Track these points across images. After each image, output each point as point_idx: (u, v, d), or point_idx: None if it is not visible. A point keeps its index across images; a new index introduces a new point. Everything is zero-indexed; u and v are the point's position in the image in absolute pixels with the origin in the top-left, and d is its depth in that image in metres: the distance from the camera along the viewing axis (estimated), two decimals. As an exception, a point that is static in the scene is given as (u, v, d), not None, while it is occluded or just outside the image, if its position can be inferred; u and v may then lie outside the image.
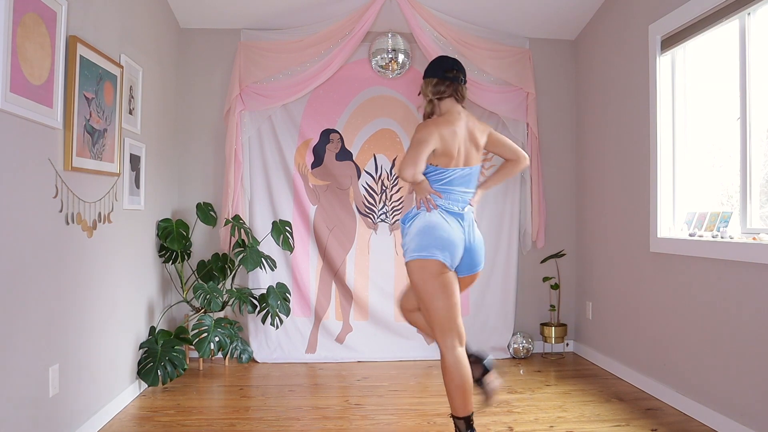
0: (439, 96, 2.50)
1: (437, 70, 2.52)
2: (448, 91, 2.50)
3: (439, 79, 2.50)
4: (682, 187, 3.29)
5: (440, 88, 2.50)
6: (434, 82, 2.51)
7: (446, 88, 2.49)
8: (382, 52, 4.08)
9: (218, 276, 3.88)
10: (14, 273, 2.11)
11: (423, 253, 2.34)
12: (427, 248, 2.35)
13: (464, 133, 2.46)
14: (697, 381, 2.96)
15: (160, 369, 3.31)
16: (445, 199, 2.43)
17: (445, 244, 2.35)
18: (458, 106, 2.51)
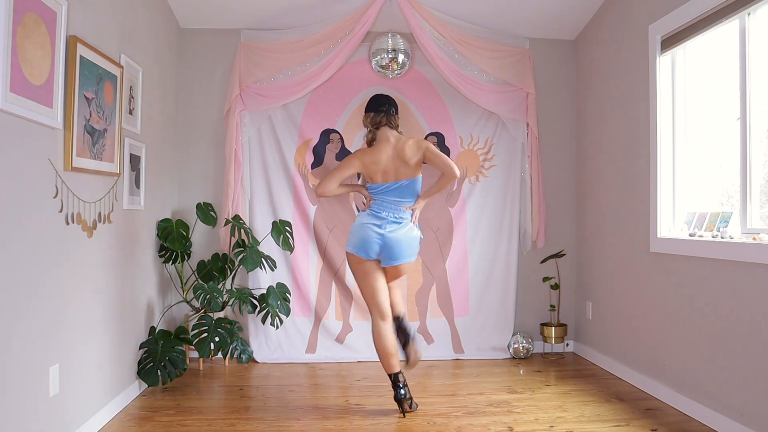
0: (377, 126, 3.11)
1: (374, 106, 3.14)
2: (383, 121, 3.10)
3: (375, 113, 3.11)
4: (682, 187, 3.29)
5: (377, 119, 3.11)
6: (372, 116, 3.12)
7: (381, 118, 3.10)
8: (382, 52, 4.08)
9: (218, 276, 3.88)
10: (14, 273, 2.11)
11: (348, 248, 3.09)
12: (350, 244, 3.08)
13: (390, 154, 3.05)
14: (697, 381, 2.96)
15: (160, 369, 3.31)
16: (375, 204, 3.09)
17: (360, 242, 3.01)
18: (392, 131, 3.11)
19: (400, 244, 3.00)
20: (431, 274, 4.29)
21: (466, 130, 4.32)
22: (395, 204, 3.07)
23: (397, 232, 3.00)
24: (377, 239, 2.99)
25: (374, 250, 3.00)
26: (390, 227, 3.00)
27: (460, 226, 4.31)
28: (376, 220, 3.03)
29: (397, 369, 3.02)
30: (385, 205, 3.06)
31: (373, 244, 2.99)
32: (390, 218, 3.03)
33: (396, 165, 3.05)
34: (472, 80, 4.16)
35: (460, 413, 3.05)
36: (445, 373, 3.86)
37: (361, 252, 3.01)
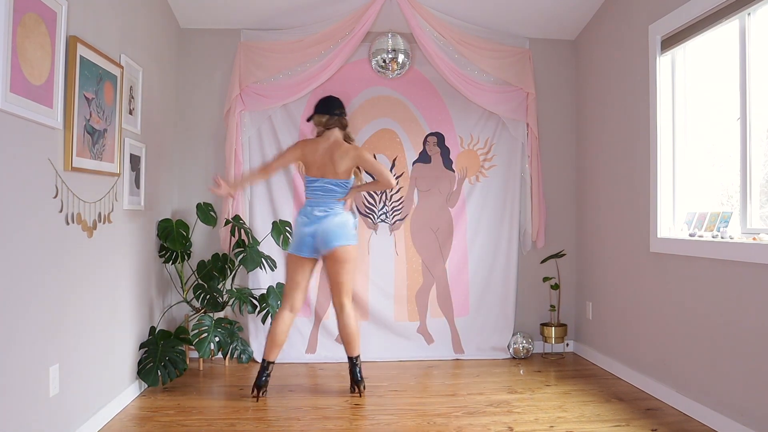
0: (328, 128, 3.34)
1: (328, 108, 3.34)
2: (336, 124, 3.34)
3: (330, 116, 3.33)
4: (682, 187, 3.29)
5: (330, 122, 3.33)
6: (326, 119, 3.34)
7: (334, 122, 3.33)
8: (382, 52, 4.08)
9: (218, 276, 3.88)
10: (14, 273, 2.11)
11: (289, 249, 3.39)
12: (290, 245, 3.36)
13: (325, 152, 3.27)
14: (697, 381, 2.96)
15: (160, 369, 3.31)
16: (307, 201, 3.32)
17: (296, 243, 3.29)
18: (337, 134, 3.34)
19: (330, 231, 3.21)
20: (431, 274, 4.29)
21: (466, 130, 4.33)
22: (323, 199, 3.28)
23: (323, 221, 3.23)
24: (309, 236, 3.22)
25: (308, 246, 3.24)
26: (317, 222, 3.23)
27: (460, 226, 4.31)
28: (305, 219, 3.27)
29: (273, 359, 3.28)
30: (315, 202, 3.29)
31: (306, 240, 3.24)
32: (317, 213, 3.25)
33: (325, 162, 3.27)
34: (472, 80, 4.16)
35: (460, 413, 3.05)
36: (445, 373, 3.86)
37: (296, 251, 3.27)
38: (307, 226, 3.24)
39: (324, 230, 3.22)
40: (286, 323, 3.30)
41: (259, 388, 3.26)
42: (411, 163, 4.31)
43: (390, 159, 4.29)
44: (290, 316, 3.32)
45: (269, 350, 3.27)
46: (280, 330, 3.28)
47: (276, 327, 3.28)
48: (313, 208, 3.27)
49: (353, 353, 3.39)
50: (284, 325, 3.30)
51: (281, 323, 3.29)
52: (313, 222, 3.24)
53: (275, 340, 3.27)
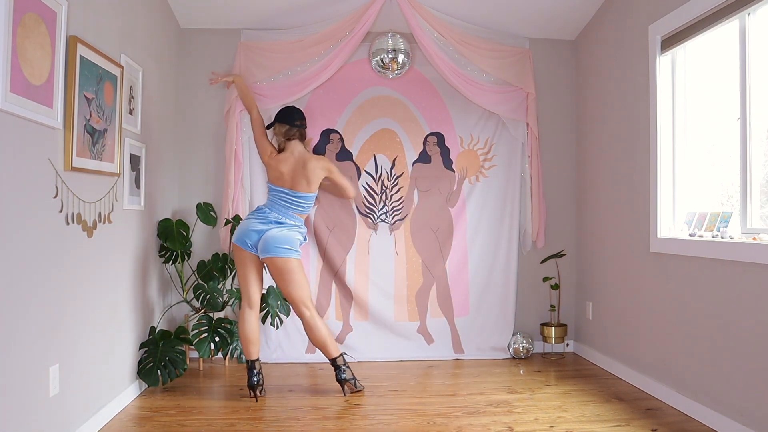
0: (289, 138, 3.40)
1: (289, 119, 3.39)
2: (296, 135, 3.40)
3: (290, 126, 3.39)
4: (682, 187, 3.29)
5: (291, 133, 3.39)
6: (286, 129, 3.39)
7: (295, 132, 3.40)
8: (382, 52, 4.08)
9: (218, 276, 3.88)
10: (14, 273, 2.11)
11: (233, 239, 3.34)
12: (234, 236, 3.33)
13: (291, 167, 3.34)
14: (697, 381, 2.96)
15: (160, 369, 3.31)
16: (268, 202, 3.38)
17: (240, 234, 3.28)
18: (298, 145, 3.40)
19: (274, 237, 3.23)
20: (431, 274, 4.29)
21: (466, 130, 4.33)
22: (286, 210, 3.32)
23: (274, 229, 3.25)
24: (255, 233, 3.24)
25: (251, 241, 3.25)
26: (268, 227, 3.25)
27: (460, 226, 4.31)
28: (260, 218, 3.28)
29: (254, 357, 3.30)
30: (276, 209, 3.32)
31: (251, 235, 3.25)
32: (273, 218, 3.28)
33: (294, 176, 3.33)
34: (472, 80, 4.16)
35: (460, 413, 3.05)
36: (445, 373, 3.87)
37: (239, 241, 3.27)
38: (258, 225, 3.25)
39: (271, 236, 3.23)
40: (251, 321, 3.31)
41: (253, 389, 3.26)
42: (411, 163, 4.31)
43: (390, 159, 4.29)
44: (251, 312, 3.32)
45: (246, 349, 3.31)
46: (248, 329, 3.30)
47: (242, 327, 3.30)
48: (272, 212, 3.29)
49: (331, 356, 3.34)
50: (249, 323, 3.30)
51: (245, 322, 3.30)
52: (266, 224, 3.26)
53: (247, 338, 3.29)
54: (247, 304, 3.33)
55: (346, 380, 3.34)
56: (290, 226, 3.31)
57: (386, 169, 4.29)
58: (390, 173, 4.29)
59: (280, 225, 3.28)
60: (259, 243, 3.24)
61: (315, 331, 3.31)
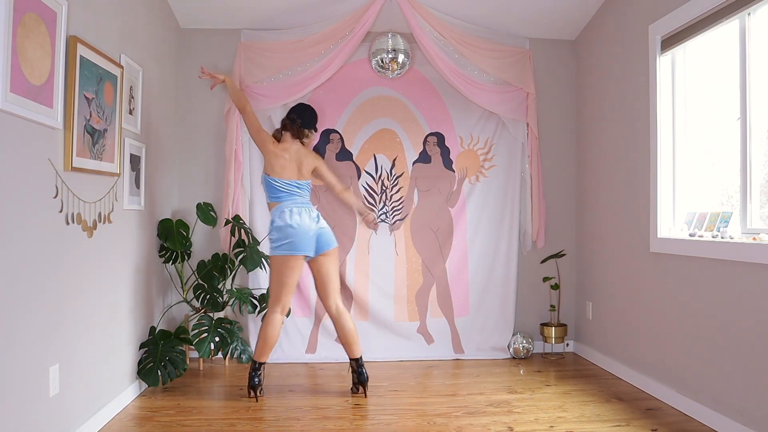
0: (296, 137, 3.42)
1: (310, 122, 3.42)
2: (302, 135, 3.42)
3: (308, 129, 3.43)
4: (682, 187, 3.29)
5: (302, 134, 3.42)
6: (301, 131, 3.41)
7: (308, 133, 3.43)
8: (382, 52, 4.08)
9: (218, 276, 3.88)
10: (14, 273, 2.11)
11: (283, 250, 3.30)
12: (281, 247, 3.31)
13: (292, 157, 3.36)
14: (697, 381, 2.96)
15: (160, 369, 3.31)
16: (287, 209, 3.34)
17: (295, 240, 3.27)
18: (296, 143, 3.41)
19: (328, 231, 3.37)
20: (431, 274, 4.29)
21: (466, 130, 4.33)
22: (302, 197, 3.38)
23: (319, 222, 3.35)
24: (313, 236, 3.27)
25: (309, 246, 3.27)
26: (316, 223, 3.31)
27: (460, 226, 4.31)
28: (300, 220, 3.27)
29: (265, 360, 3.29)
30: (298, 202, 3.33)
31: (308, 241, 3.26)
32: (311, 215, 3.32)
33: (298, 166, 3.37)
34: (472, 80, 4.16)
35: (460, 413, 3.05)
36: (445, 373, 3.87)
37: (295, 251, 3.24)
38: (308, 226, 3.25)
39: (325, 231, 3.32)
40: (278, 326, 3.30)
41: (254, 389, 3.26)
42: (411, 163, 4.31)
43: (390, 159, 4.29)
44: (281, 318, 3.32)
45: (262, 352, 3.27)
46: (275, 333, 3.28)
47: (270, 330, 3.26)
48: (301, 208, 3.30)
49: (356, 355, 3.37)
50: (277, 328, 3.29)
51: (275, 326, 3.27)
52: (312, 222, 3.28)
53: (269, 342, 3.27)
54: (281, 310, 3.30)
55: (366, 381, 3.34)
56: (318, 215, 3.37)
57: (386, 169, 4.29)
58: (390, 173, 4.29)
59: (318, 216, 3.35)
60: (316, 242, 3.28)
61: (349, 323, 3.37)
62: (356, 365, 3.35)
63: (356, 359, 3.36)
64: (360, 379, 3.33)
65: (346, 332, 3.36)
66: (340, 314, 3.37)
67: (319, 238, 3.29)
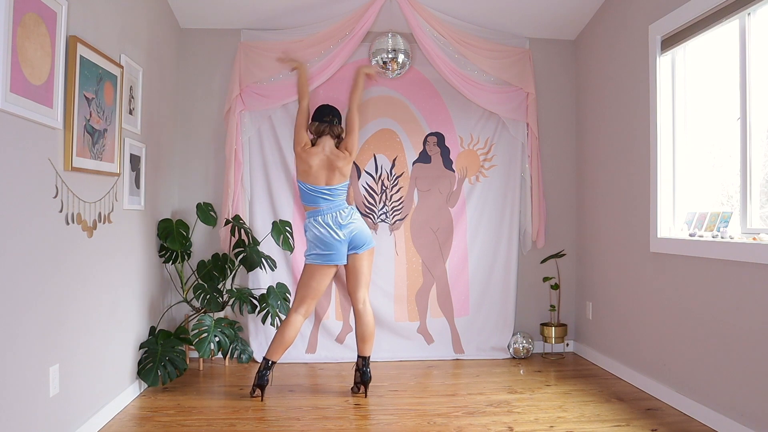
0: (319, 134, 3.45)
1: (319, 116, 3.46)
2: (326, 131, 3.44)
3: (320, 123, 3.44)
4: (682, 187, 3.29)
5: (320, 129, 3.44)
6: (316, 125, 3.45)
7: (324, 128, 3.44)
8: (382, 52, 4.08)
9: (218, 276, 3.88)
10: (14, 273, 2.11)
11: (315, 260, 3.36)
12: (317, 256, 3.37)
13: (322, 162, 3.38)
14: (697, 381, 2.96)
15: (160, 369, 3.31)
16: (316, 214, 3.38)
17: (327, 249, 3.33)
18: (330, 141, 3.43)
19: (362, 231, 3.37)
20: (431, 274, 4.29)
21: (466, 130, 4.33)
22: (334, 203, 3.37)
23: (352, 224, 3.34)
24: (343, 242, 3.30)
25: (342, 254, 3.31)
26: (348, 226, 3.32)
27: (460, 226, 4.31)
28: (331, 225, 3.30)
29: (276, 359, 3.28)
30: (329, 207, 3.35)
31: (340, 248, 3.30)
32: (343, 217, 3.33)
33: (326, 172, 3.38)
34: (472, 80, 4.16)
35: (460, 413, 3.05)
36: (445, 373, 3.87)
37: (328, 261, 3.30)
38: (338, 231, 3.28)
39: (359, 232, 3.33)
40: (298, 328, 3.31)
41: (262, 388, 3.24)
42: (411, 163, 4.31)
43: (390, 159, 4.29)
44: (302, 321, 3.33)
45: (276, 351, 3.26)
46: (293, 335, 3.29)
47: (288, 330, 3.27)
48: (332, 212, 3.33)
49: (367, 353, 3.39)
50: (296, 329, 3.30)
51: (294, 328, 3.28)
52: (342, 227, 3.30)
53: (284, 342, 3.26)
54: (305, 314, 3.33)
55: (369, 382, 3.35)
56: (352, 214, 3.37)
57: (386, 169, 4.29)
58: (390, 173, 4.29)
59: (352, 217, 3.35)
60: (349, 246, 3.31)
61: (371, 320, 3.38)
62: (362, 363, 3.36)
63: (365, 357, 3.37)
64: (363, 378, 3.33)
65: (364, 328, 3.38)
66: (365, 308, 3.40)
67: (352, 240, 3.32)
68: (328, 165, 3.38)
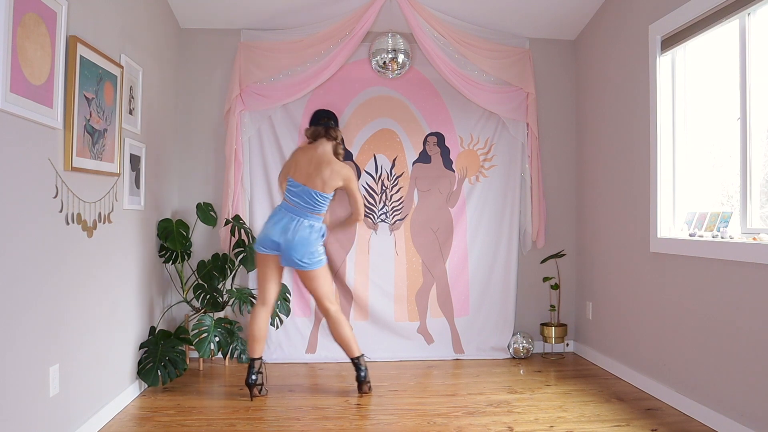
0: (315, 138, 3.42)
1: (314, 120, 3.45)
2: (322, 133, 3.40)
3: (315, 126, 3.42)
4: (682, 187, 3.29)
5: (316, 132, 3.41)
6: (312, 129, 3.43)
7: (320, 131, 3.40)
8: (382, 52, 4.08)
9: (218, 276, 3.88)
10: (14, 273, 2.11)
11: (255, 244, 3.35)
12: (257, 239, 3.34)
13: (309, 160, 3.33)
14: (697, 381, 2.96)
15: (160, 369, 3.31)
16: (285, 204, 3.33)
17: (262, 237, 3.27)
18: (326, 145, 3.39)
19: (296, 252, 3.20)
20: (431, 274, 4.29)
21: (466, 130, 4.33)
22: (301, 208, 3.28)
23: (289, 234, 3.21)
24: (275, 241, 3.22)
25: (270, 248, 3.25)
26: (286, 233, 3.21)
27: (460, 226, 4.31)
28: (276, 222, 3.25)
29: (257, 355, 3.29)
30: (291, 208, 3.28)
31: (269, 243, 3.24)
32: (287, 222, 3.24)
33: (310, 171, 3.30)
34: (472, 80, 4.16)
35: (460, 413, 3.05)
36: (445, 373, 3.87)
37: (259, 248, 3.28)
38: (276, 228, 3.23)
39: (292, 249, 3.20)
40: (262, 318, 3.32)
41: (250, 387, 3.25)
42: (411, 163, 4.31)
43: (390, 159, 4.29)
44: (264, 310, 3.33)
45: (251, 347, 3.30)
46: (258, 326, 3.30)
47: (253, 324, 3.31)
48: (287, 213, 3.27)
49: (354, 354, 3.38)
50: (260, 321, 3.31)
51: (257, 319, 3.31)
52: (283, 231, 3.21)
53: (254, 335, 3.29)
54: (261, 302, 3.33)
55: (366, 380, 3.36)
56: (305, 226, 3.23)
57: (386, 169, 4.29)
58: (390, 173, 4.29)
59: (297, 227, 3.22)
60: (281, 250, 3.23)
61: (339, 327, 3.35)
62: (353, 365, 3.40)
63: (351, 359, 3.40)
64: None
65: (336, 336, 3.40)
66: (327, 317, 3.38)
67: (283, 250, 3.22)
68: (315, 163, 3.32)
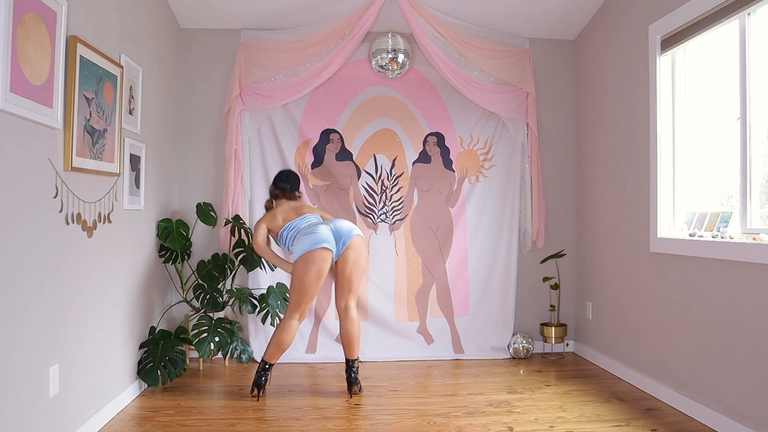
0: (275, 197, 3.57)
1: (276, 181, 3.56)
2: (280, 196, 3.54)
3: (275, 188, 3.56)
4: (682, 187, 3.29)
5: (275, 194, 3.56)
6: (271, 189, 3.58)
7: (278, 194, 3.55)
8: (382, 52, 4.08)
9: (218, 276, 3.88)
10: (14, 273, 2.11)
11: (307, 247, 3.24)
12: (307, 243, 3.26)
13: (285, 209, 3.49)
14: (697, 381, 2.96)
15: (160, 369, 3.31)
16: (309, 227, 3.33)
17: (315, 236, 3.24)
18: (288, 203, 3.53)
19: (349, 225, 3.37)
20: (431, 274, 4.29)
21: (466, 130, 4.33)
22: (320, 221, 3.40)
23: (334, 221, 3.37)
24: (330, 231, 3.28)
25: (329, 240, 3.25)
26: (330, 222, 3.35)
27: (460, 226, 4.31)
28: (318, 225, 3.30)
29: (274, 361, 3.29)
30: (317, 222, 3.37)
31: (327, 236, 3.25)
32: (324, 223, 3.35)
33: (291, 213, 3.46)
34: (472, 80, 4.16)
35: (460, 413, 3.05)
36: (445, 373, 3.87)
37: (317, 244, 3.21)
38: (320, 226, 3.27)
39: (338, 227, 3.30)
40: (293, 332, 3.27)
41: (260, 387, 3.26)
42: (411, 163, 4.31)
43: (390, 159, 4.29)
44: (297, 324, 3.31)
45: (273, 354, 3.24)
46: (289, 339, 3.26)
47: (285, 335, 3.24)
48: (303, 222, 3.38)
49: (355, 356, 3.38)
50: (292, 334, 3.27)
51: (290, 332, 3.25)
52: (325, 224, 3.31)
53: (282, 346, 3.24)
54: (299, 317, 3.28)
55: (357, 381, 3.36)
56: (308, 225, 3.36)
57: (386, 169, 4.29)
58: (390, 173, 4.29)
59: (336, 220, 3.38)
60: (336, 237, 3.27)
61: (357, 325, 3.37)
62: (347, 366, 3.40)
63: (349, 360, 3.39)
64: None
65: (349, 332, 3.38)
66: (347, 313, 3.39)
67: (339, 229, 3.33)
68: (294, 209, 3.49)
